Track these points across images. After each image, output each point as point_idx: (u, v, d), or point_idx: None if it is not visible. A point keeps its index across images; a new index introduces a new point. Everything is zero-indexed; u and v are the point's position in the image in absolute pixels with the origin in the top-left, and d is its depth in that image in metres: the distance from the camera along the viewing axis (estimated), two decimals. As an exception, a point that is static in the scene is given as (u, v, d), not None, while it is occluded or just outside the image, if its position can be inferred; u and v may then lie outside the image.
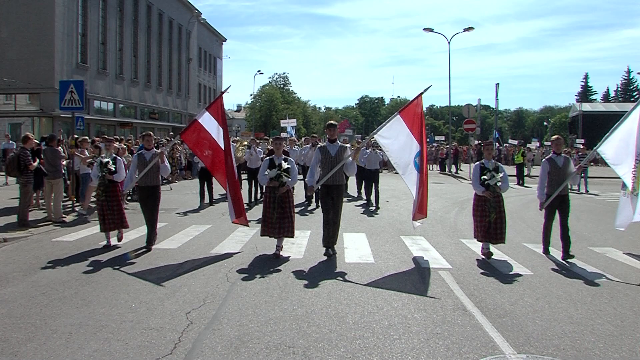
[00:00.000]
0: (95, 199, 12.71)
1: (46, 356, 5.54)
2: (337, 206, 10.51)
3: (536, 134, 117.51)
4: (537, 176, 11.54)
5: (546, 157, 10.95)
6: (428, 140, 37.12)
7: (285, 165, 10.37)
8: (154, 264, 9.63)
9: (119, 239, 11.58)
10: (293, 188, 11.13)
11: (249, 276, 8.79)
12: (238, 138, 24.35)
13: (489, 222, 10.29)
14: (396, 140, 10.57)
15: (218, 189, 17.31)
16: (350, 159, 10.46)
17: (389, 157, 10.89)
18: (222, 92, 12.38)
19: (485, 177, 10.38)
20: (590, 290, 8.24)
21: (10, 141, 27.40)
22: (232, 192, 11.50)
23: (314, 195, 9.64)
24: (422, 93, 10.97)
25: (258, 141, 22.79)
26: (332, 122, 10.94)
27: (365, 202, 19.77)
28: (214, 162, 11.61)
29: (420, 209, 10.98)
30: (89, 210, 15.85)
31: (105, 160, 11.42)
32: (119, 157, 11.80)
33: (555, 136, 11.33)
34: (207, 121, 11.38)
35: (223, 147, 11.46)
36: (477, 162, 10.89)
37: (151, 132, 12.29)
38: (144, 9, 54.64)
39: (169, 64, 61.93)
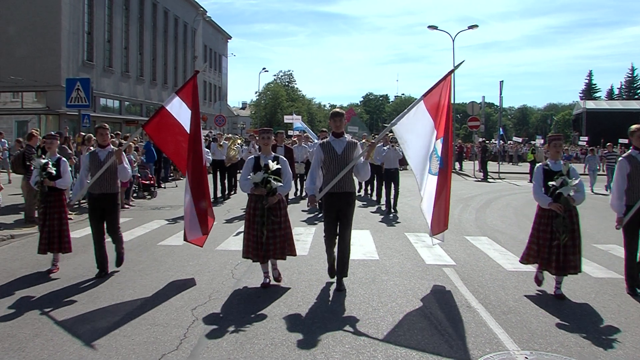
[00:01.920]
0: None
1: (53, 352, 5.56)
2: (345, 221, 7.89)
3: (540, 132, 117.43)
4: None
5: (624, 155, 8.20)
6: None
7: (273, 165, 7.83)
8: (159, 261, 9.64)
9: (53, 263, 8.94)
10: (287, 197, 8.69)
11: (254, 273, 8.76)
12: (230, 135, 22.91)
13: (559, 245, 7.56)
14: (415, 131, 8.41)
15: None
16: (362, 158, 7.96)
17: (404, 152, 8.62)
18: (196, 73, 9.35)
19: (554, 183, 7.59)
20: (594, 287, 8.23)
21: (3, 139, 26.88)
22: (195, 195, 8.87)
23: (317, 205, 8.30)
24: (452, 71, 8.84)
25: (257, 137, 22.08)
26: (337, 110, 8.20)
27: (378, 205, 17.94)
28: (184, 158, 8.99)
29: (443, 222, 8.70)
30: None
31: (44, 161, 8.89)
32: (63, 159, 9.25)
33: (635, 125, 8.19)
34: (177, 108, 8.90)
35: (188, 132, 8.90)
36: (540, 164, 8.15)
37: (106, 125, 9.31)
38: (149, 7, 54.68)
39: (175, 62, 62.01)
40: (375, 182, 19.44)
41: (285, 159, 8.33)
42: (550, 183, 7.64)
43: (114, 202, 8.88)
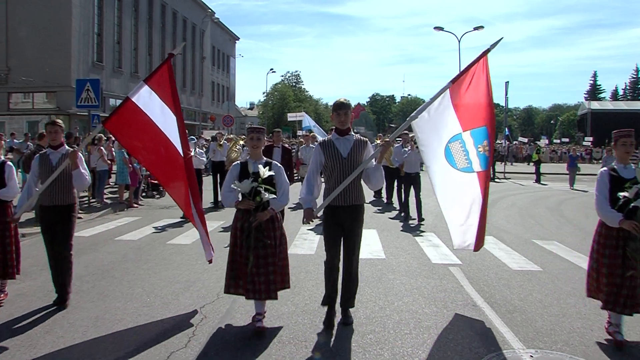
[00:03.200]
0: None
1: (63, 349, 5.59)
2: (352, 242, 6.25)
3: (545, 132, 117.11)
4: (547, 173, 11.30)
5: None
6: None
7: (264, 172, 6.13)
8: (168, 259, 9.66)
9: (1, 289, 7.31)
10: (283, 213, 7.05)
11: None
12: (232, 136, 21.02)
13: (633, 277, 5.73)
14: (437, 125, 6.81)
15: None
16: (373, 161, 6.35)
17: (422, 152, 7.07)
18: (170, 56, 7.29)
19: (626, 194, 5.78)
20: (599, 287, 8.21)
21: (15, 140, 26.68)
22: (195, 213, 7.25)
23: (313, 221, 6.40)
24: (487, 52, 6.79)
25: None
26: (342, 100, 6.28)
27: (398, 211, 16.29)
28: (160, 164, 7.28)
29: (481, 235, 6.91)
30: (104, 204, 16.02)
31: None
32: (8, 163, 7.26)
33: None
34: (146, 98, 6.97)
35: (178, 147, 7.11)
36: (605, 169, 6.13)
37: (58, 121, 7.46)
38: (158, 8, 54.80)
39: (183, 63, 62.03)
40: (394, 186, 17.55)
41: (280, 165, 6.57)
42: (622, 194, 5.84)
43: (67, 215, 7.13)
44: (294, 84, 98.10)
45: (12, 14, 38.21)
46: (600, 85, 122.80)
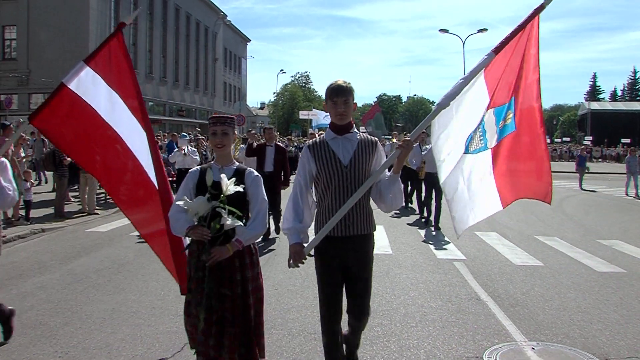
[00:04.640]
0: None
1: (81, 339, 5.60)
2: (358, 291, 4.20)
3: (547, 131, 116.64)
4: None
5: None
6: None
7: (229, 185, 3.92)
8: (182, 254, 9.66)
9: None
10: (270, 237, 5.08)
11: (272, 266, 8.78)
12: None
13: None
14: (466, 112, 4.59)
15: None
16: (387, 172, 4.17)
17: (434, 144, 4.62)
18: (121, 25, 4.97)
19: None
20: (597, 281, 8.16)
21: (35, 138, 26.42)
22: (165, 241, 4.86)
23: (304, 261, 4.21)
24: (542, 8, 4.94)
25: (259, 134, 19.14)
26: (339, 83, 4.08)
27: (418, 217, 14.53)
28: (115, 173, 4.99)
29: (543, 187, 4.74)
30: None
31: None
32: None
33: None
34: (88, 84, 4.74)
35: (143, 162, 4.91)
36: None
37: None
38: (172, 12, 54.92)
39: (196, 64, 62.18)
40: (409, 188, 15.87)
41: (258, 174, 4.28)
42: None
43: None
44: (303, 84, 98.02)
45: (33, 19, 38.56)
46: (599, 86, 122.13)
